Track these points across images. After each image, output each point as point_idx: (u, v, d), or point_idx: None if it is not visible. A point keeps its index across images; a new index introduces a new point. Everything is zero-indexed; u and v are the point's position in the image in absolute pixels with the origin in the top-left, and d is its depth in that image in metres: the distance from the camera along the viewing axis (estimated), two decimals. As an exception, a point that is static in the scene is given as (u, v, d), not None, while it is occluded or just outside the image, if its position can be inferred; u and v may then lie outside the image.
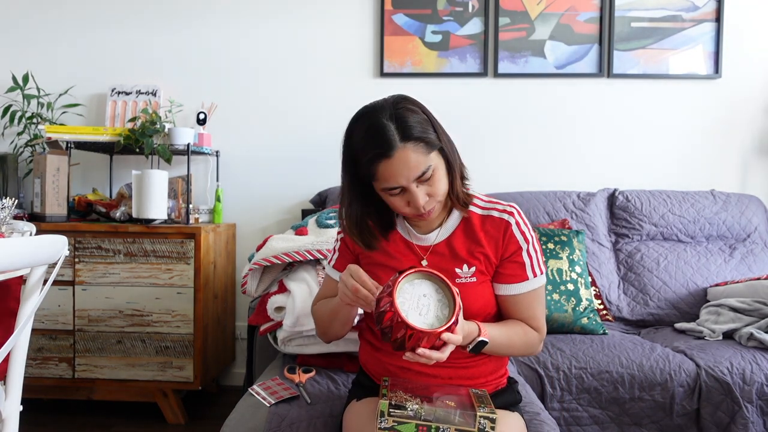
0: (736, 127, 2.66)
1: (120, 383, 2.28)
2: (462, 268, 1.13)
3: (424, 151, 1.04)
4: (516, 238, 1.13)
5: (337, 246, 1.27)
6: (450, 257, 1.15)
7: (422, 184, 1.07)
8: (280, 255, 1.77)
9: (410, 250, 1.18)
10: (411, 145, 1.03)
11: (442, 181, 1.08)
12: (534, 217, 2.40)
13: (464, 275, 1.12)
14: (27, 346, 1.20)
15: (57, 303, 2.28)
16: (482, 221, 1.15)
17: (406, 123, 1.04)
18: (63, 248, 1.13)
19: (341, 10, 2.70)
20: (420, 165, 1.04)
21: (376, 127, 1.05)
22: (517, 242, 1.13)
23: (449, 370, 1.14)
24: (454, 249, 1.15)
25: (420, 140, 1.04)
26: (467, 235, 1.15)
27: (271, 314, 1.66)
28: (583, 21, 2.63)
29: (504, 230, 1.13)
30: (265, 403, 1.36)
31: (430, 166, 1.05)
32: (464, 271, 1.13)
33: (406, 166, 1.03)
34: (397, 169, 1.03)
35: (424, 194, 1.07)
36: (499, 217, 1.14)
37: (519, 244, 1.13)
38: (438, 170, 1.07)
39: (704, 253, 2.34)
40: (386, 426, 0.98)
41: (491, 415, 0.97)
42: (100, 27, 2.75)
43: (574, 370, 1.75)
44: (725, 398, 1.69)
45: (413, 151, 1.03)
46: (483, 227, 1.15)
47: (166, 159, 2.39)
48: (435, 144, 1.06)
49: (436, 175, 1.07)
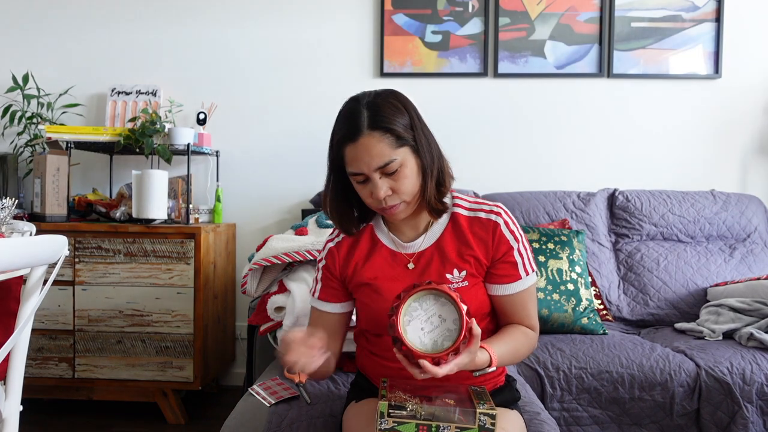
0: (736, 127, 2.66)
1: (120, 383, 2.28)
2: (452, 273, 1.12)
3: (390, 143, 1.03)
4: (506, 238, 1.12)
5: (319, 276, 1.23)
6: (439, 262, 1.13)
7: (386, 176, 1.05)
8: (280, 255, 1.77)
9: (397, 261, 1.15)
10: (377, 134, 1.03)
11: (409, 180, 1.06)
12: (534, 217, 2.40)
13: (455, 280, 1.11)
14: (27, 346, 1.20)
15: (57, 303, 2.28)
16: (470, 223, 1.13)
17: (379, 113, 1.04)
18: (63, 248, 1.13)
19: (341, 10, 2.70)
20: (383, 156, 1.03)
21: (351, 111, 1.07)
22: (508, 242, 1.12)
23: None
24: (444, 253, 1.13)
25: (388, 131, 1.03)
26: (456, 238, 1.13)
27: (271, 314, 1.66)
28: (583, 21, 2.63)
29: (493, 231, 1.11)
30: (265, 403, 1.36)
31: (395, 160, 1.04)
32: (455, 276, 1.12)
33: (368, 153, 1.03)
34: (359, 155, 1.04)
35: (387, 187, 1.05)
36: (487, 218, 1.13)
37: (510, 244, 1.12)
38: (405, 167, 1.05)
39: (704, 253, 2.34)
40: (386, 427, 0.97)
41: (491, 411, 0.97)
42: (100, 27, 2.75)
43: (574, 370, 1.75)
44: (725, 398, 1.69)
45: (378, 141, 1.03)
46: (471, 229, 1.13)
47: (166, 159, 2.39)
48: (406, 140, 1.05)
49: (402, 172, 1.05)
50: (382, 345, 1.17)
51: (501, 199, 2.45)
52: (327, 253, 1.22)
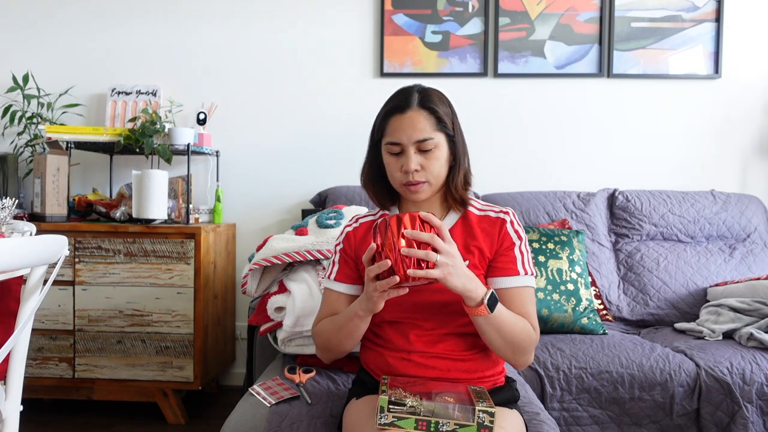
0: (736, 127, 2.66)
1: (120, 383, 2.28)
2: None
3: (432, 124, 1.14)
4: (510, 235, 1.19)
5: (336, 258, 1.28)
6: None
7: (420, 153, 1.15)
8: (280, 255, 1.77)
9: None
10: (424, 113, 1.15)
11: (439, 163, 1.16)
12: (534, 217, 2.40)
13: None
14: (27, 346, 1.20)
15: (57, 303, 2.28)
16: (479, 220, 1.22)
17: (428, 96, 1.18)
18: (63, 248, 1.13)
19: (341, 11, 2.70)
20: (424, 131, 1.14)
21: (402, 90, 1.20)
22: (511, 238, 1.19)
23: (447, 362, 1.16)
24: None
25: (433, 113, 1.15)
26: (464, 231, 1.21)
27: (271, 314, 1.66)
28: (583, 21, 2.63)
29: (500, 226, 1.19)
30: (265, 403, 1.36)
31: (433, 139, 1.14)
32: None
33: (412, 125, 1.14)
34: (403, 125, 1.14)
35: (417, 162, 1.14)
36: (496, 216, 1.21)
37: (512, 240, 1.19)
38: (439, 150, 1.15)
39: (704, 253, 2.34)
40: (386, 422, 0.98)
41: (490, 409, 0.98)
42: (100, 27, 2.75)
43: (574, 370, 1.75)
44: (725, 398, 1.69)
45: (424, 118, 1.14)
46: (480, 224, 1.21)
47: (166, 159, 2.39)
48: (445, 127, 1.16)
49: (435, 153, 1.15)
50: (385, 336, 1.20)
51: (501, 199, 2.46)
52: (344, 237, 1.28)
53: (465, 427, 0.97)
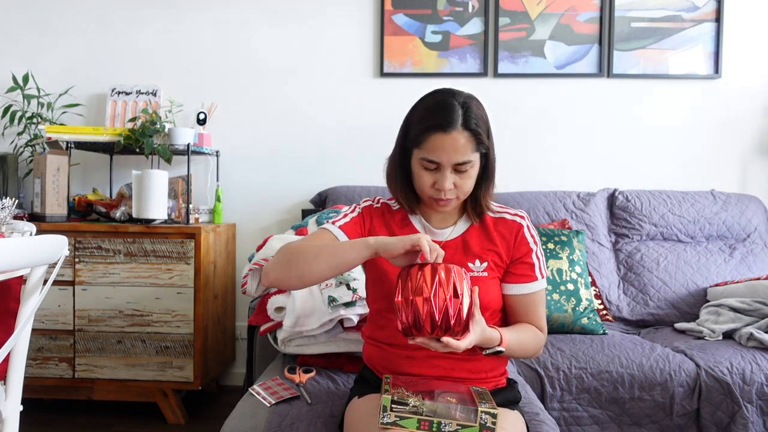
0: (736, 127, 2.66)
1: (120, 383, 2.28)
2: (474, 263, 1.19)
3: (472, 146, 1.13)
4: (527, 240, 1.20)
5: (352, 214, 1.26)
6: (463, 252, 1.20)
7: (455, 172, 1.14)
8: (280, 255, 1.77)
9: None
10: (467, 134, 1.12)
11: (471, 180, 1.16)
12: (534, 217, 2.40)
13: (477, 269, 1.18)
14: (27, 346, 1.20)
15: (57, 303, 2.28)
16: (495, 222, 1.22)
17: (471, 114, 1.14)
18: (63, 248, 1.13)
19: (341, 11, 2.70)
20: (465, 154, 1.12)
21: (446, 103, 1.14)
22: (528, 244, 1.20)
23: (451, 362, 1.17)
24: (468, 245, 1.21)
25: (474, 135, 1.13)
26: (481, 234, 1.22)
27: (271, 314, 1.66)
28: (583, 21, 2.63)
29: (516, 232, 1.20)
30: (265, 403, 1.36)
31: (471, 162, 1.14)
32: (476, 266, 1.19)
33: (454, 148, 1.11)
34: (445, 146, 1.11)
35: (452, 182, 1.14)
36: (512, 220, 1.22)
37: (529, 246, 1.20)
38: (473, 169, 1.15)
39: (704, 253, 2.34)
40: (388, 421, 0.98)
41: (492, 410, 0.98)
42: (100, 27, 2.75)
43: (574, 370, 1.75)
44: (725, 398, 1.69)
45: (466, 140, 1.12)
46: (496, 228, 1.21)
47: (166, 159, 2.39)
48: (483, 146, 1.15)
49: (469, 172, 1.15)
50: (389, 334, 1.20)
51: (501, 199, 2.45)
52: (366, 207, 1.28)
53: (467, 427, 0.97)
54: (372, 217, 1.26)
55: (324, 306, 1.55)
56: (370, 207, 1.28)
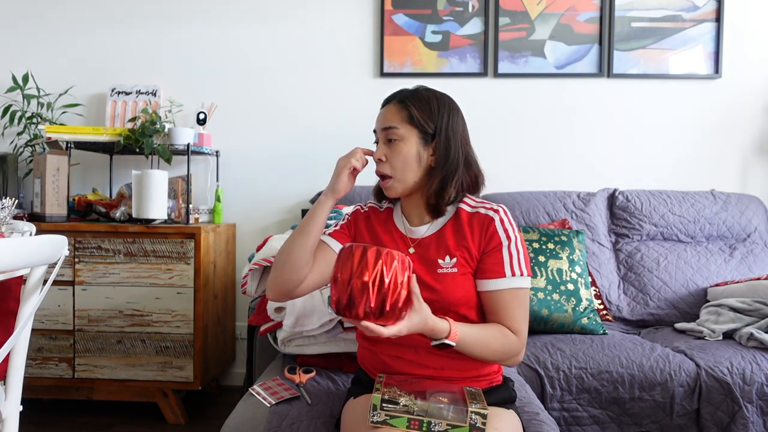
0: (736, 127, 2.66)
1: (120, 383, 2.28)
2: (444, 259, 1.18)
3: (402, 117, 1.18)
4: (498, 234, 1.17)
5: (341, 223, 1.33)
6: (435, 249, 1.20)
7: (385, 144, 1.20)
8: (280, 255, 1.77)
9: (402, 241, 1.25)
10: (396, 105, 1.21)
11: (402, 157, 1.18)
12: (534, 217, 2.40)
13: (446, 266, 1.17)
14: (27, 346, 1.20)
15: (57, 303, 2.28)
16: (470, 217, 1.21)
17: (413, 93, 1.23)
18: (63, 248, 1.13)
19: (341, 10, 2.70)
20: (390, 120, 1.19)
21: (397, 91, 1.26)
22: (499, 238, 1.16)
23: (441, 360, 1.17)
24: (441, 241, 1.20)
25: (405, 108, 1.19)
26: (455, 230, 1.21)
27: (271, 314, 1.66)
28: (583, 21, 2.63)
29: (487, 225, 1.17)
30: (265, 403, 1.36)
31: (397, 129, 1.18)
32: (446, 262, 1.18)
33: (384, 115, 1.21)
34: (379, 117, 1.23)
35: (382, 152, 1.20)
36: (485, 214, 1.20)
37: (500, 240, 1.16)
38: (404, 144, 1.18)
39: (704, 253, 2.34)
40: (378, 419, 0.98)
41: (483, 411, 0.98)
42: (100, 27, 2.75)
43: (574, 370, 1.75)
44: (725, 398, 1.69)
45: (395, 110, 1.20)
46: (470, 223, 1.20)
47: (166, 159, 2.39)
48: (419, 125, 1.18)
49: (398, 145, 1.18)
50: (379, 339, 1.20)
51: (501, 199, 2.45)
52: (354, 212, 1.34)
53: (457, 428, 0.97)
54: (358, 220, 1.31)
55: (324, 306, 1.55)
56: (357, 212, 1.33)
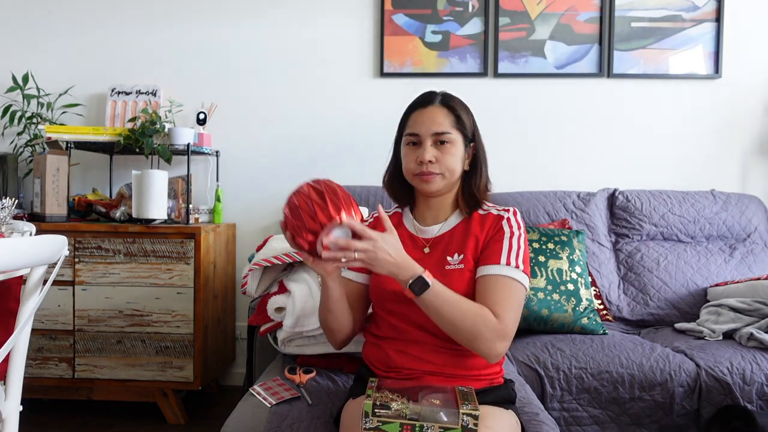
0: (736, 127, 2.66)
1: (120, 383, 2.28)
2: (453, 256, 1.21)
3: (451, 122, 1.22)
4: (503, 227, 1.21)
5: None
6: (445, 247, 1.23)
7: (435, 146, 1.21)
8: (280, 255, 1.77)
9: (415, 245, 1.26)
10: (444, 109, 1.23)
11: (454, 158, 1.22)
12: (534, 217, 2.40)
13: (453, 262, 1.20)
14: (27, 346, 1.20)
15: (57, 303, 2.28)
16: (482, 219, 1.25)
17: (451, 98, 1.26)
18: (63, 248, 1.13)
19: (341, 10, 2.70)
20: (442, 125, 1.21)
21: (426, 92, 1.28)
22: (503, 229, 1.21)
23: (443, 357, 1.18)
24: (452, 240, 1.23)
25: (453, 112, 1.23)
26: (465, 230, 1.24)
27: (272, 315, 1.66)
28: (583, 21, 2.63)
29: (497, 221, 1.23)
30: (265, 403, 1.36)
31: (450, 134, 1.21)
32: (453, 259, 1.21)
33: (431, 118, 1.22)
34: (423, 119, 1.22)
35: (432, 154, 1.20)
36: (497, 214, 1.25)
37: (503, 231, 1.20)
38: (454, 146, 1.22)
39: (704, 253, 2.34)
40: (371, 426, 0.98)
41: (474, 411, 0.98)
42: (100, 27, 2.75)
43: (574, 370, 1.75)
44: (725, 398, 1.69)
45: (443, 114, 1.22)
46: (481, 222, 1.24)
47: (166, 159, 2.39)
48: (465, 129, 1.23)
49: (450, 148, 1.21)
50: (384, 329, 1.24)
51: (501, 199, 2.45)
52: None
53: (450, 429, 0.97)
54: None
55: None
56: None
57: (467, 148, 1.25)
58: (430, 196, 1.28)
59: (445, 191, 1.26)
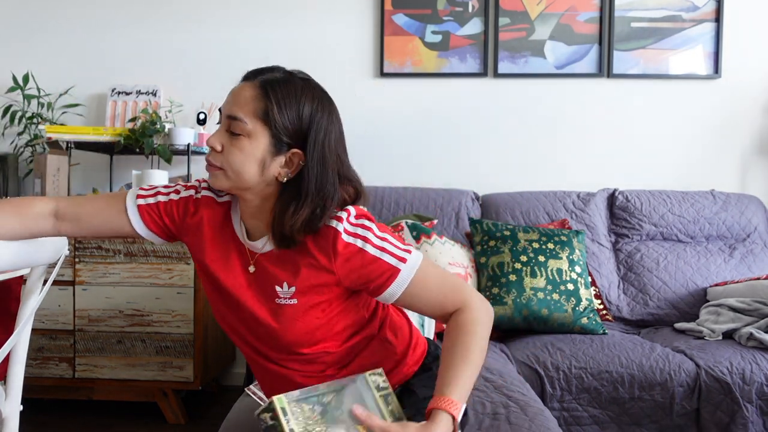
0: (736, 127, 2.66)
1: (120, 383, 2.28)
2: (282, 287, 0.97)
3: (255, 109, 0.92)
4: (352, 244, 0.94)
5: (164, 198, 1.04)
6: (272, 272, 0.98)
7: (228, 132, 0.93)
8: (280, 255, 1.77)
9: (242, 257, 1.02)
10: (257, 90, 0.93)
11: (242, 156, 0.92)
12: (534, 217, 2.40)
13: (284, 295, 0.97)
14: (27, 346, 1.20)
15: (57, 303, 2.28)
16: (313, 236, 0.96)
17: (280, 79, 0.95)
18: (63, 248, 1.13)
19: (341, 11, 2.70)
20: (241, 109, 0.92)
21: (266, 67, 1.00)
22: (355, 247, 0.94)
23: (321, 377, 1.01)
24: (282, 262, 0.98)
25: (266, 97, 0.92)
26: (298, 249, 0.96)
27: (271, 314, 1.66)
28: (583, 21, 2.63)
29: (332, 240, 0.94)
30: (261, 403, 1.36)
31: (244, 124, 0.91)
32: (284, 291, 0.97)
33: (236, 96, 0.94)
34: (231, 94, 0.96)
35: (218, 140, 0.94)
36: (327, 225, 0.95)
37: (358, 247, 0.94)
38: (248, 141, 0.92)
39: (704, 253, 2.34)
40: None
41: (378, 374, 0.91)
42: (100, 27, 2.75)
43: (574, 370, 1.75)
44: (725, 398, 1.69)
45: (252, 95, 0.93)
46: (314, 238, 0.96)
47: (166, 159, 2.39)
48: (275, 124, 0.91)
49: (241, 141, 0.92)
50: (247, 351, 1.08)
51: (501, 199, 2.45)
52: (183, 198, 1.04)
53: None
54: (186, 213, 1.03)
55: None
56: (189, 199, 1.04)
57: (283, 154, 0.93)
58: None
59: (248, 196, 0.96)
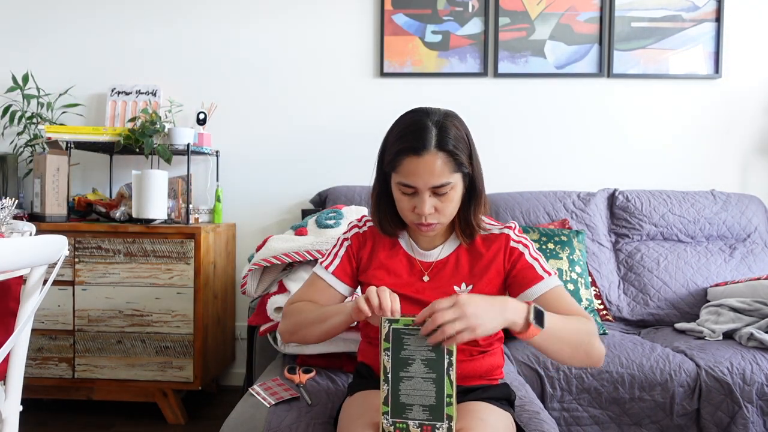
0: (736, 127, 2.66)
1: (120, 383, 2.28)
2: (460, 286, 1.16)
3: (450, 167, 1.07)
4: (516, 248, 1.17)
5: (340, 252, 1.26)
6: (451, 273, 1.17)
7: (435, 196, 1.09)
8: (279, 255, 1.77)
9: (413, 270, 1.20)
10: (442, 156, 1.06)
11: (453, 203, 1.11)
12: (534, 217, 2.40)
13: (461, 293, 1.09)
14: (27, 346, 1.20)
15: (57, 303, 2.28)
16: (484, 240, 1.19)
17: (447, 134, 1.07)
18: (63, 248, 1.13)
19: (341, 10, 2.70)
20: (441, 176, 1.07)
21: (419, 124, 1.08)
22: (518, 250, 1.17)
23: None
24: (457, 266, 1.18)
25: (451, 156, 1.07)
26: (471, 255, 1.18)
27: (271, 315, 1.66)
28: (583, 21, 2.63)
29: (505, 242, 1.17)
30: (265, 403, 1.36)
31: (450, 183, 1.08)
32: (461, 290, 1.15)
33: (429, 171, 1.06)
34: (419, 170, 1.06)
35: (431, 205, 1.09)
36: (499, 233, 1.19)
37: (520, 251, 1.16)
38: (454, 192, 1.10)
39: (704, 253, 2.34)
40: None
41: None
42: (100, 27, 2.75)
43: (574, 370, 1.75)
44: (725, 398, 1.69)
45: (441, 162, 1.06)
46: (485, 244, 1.18)
47: (166, 159, 2.39)
48: (463, 166, 1.09)
49: (450, 195, 1.10)
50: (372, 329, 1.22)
51: (501, 199, 2.45)
52: (353, 235, 1.26)
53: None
54: (360, 247, 1.25)
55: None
56: (357, 235, 1.26)
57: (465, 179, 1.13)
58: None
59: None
